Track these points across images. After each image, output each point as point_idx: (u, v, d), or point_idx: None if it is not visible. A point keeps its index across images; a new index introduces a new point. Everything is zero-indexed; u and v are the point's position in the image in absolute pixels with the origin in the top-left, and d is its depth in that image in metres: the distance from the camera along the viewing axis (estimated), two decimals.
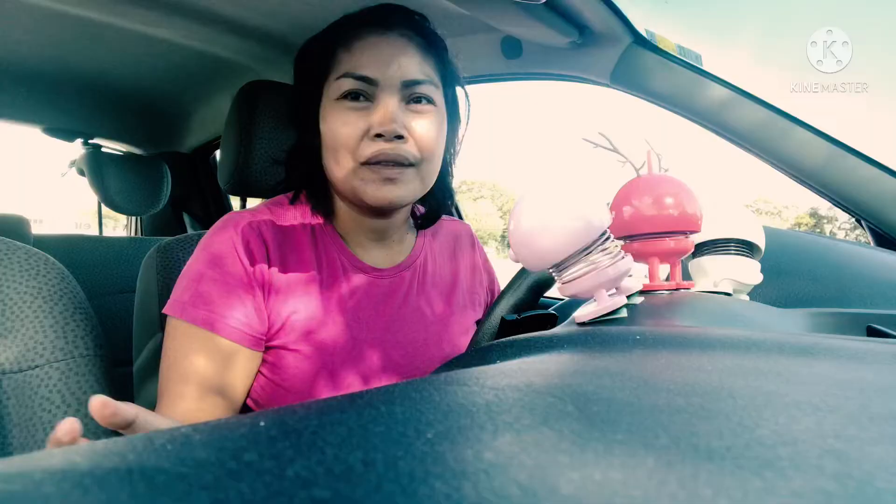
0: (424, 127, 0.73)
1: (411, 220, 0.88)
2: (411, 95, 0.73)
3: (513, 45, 1.25)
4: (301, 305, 0.73)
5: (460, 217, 1.76)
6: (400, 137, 0.71)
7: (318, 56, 0.77)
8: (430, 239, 0.89)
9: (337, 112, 0.72)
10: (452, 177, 0.87)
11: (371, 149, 0.70)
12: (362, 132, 0.71)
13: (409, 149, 0.72)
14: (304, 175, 0.80)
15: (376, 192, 0.71)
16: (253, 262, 0.72)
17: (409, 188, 0.73)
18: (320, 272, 0.76)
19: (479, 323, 0.72)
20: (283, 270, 0.74)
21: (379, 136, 0.70)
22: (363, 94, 0.72)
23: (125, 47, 1.46)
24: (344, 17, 0.77)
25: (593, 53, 1.15)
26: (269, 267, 0.73)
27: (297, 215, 0.80)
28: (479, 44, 1.29)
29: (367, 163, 0.71)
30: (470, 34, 1.28)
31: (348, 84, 0.72)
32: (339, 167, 0.73)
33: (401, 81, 0.72)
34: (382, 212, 0.77)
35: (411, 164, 0.72)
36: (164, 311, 0.71)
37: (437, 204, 0.85)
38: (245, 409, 0.74)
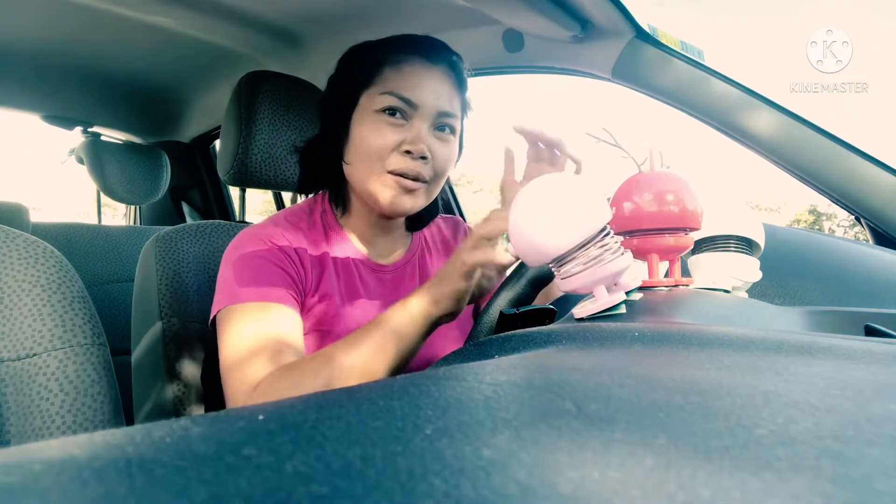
0: (445, 152, 0.83)
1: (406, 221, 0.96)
2: (439, 124, 0.82)
3: (514, 38, 1.25)
4: (328, 292, 0.82)
5: (459, 209, 1.76)
6: (424, 158, 0.80)
7: (364, 67, 0.83)
8: (425, 236, 0.98)
9: (374, 123, 0.80)
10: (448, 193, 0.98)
11: (399, 163, 0.79)
12: (393, 146, 0.79)
13: (427, 169, 0.81)
14: (322, 169, 0.88)
15: (393, 199, 0.80)
16: (285, 254, 0.80)
17: (420, 201, 0.83)
18: (335, 268, 0.85)
19: (475, 316, 0.72)
20: (304, 265, 0.82)
21: (408, 152, 0.79)
22: (401, 111, 0.80)
23: (126, 36, 1.46)
24: (395, 38, 0.85)
25: (595, 47, 1.15)
26: (300, 259, 0.81)
27: (308, 220, 0.88)
28: (480, 36, 1.29)
29: (392, 172, 0.79)
30: (472, 26, 1.28)
31: (391, 101, 0.79)
32: (366, 171, 0.81)
33: (437, 111, 0.81)
34: (392, 216, 0.86)
35: (426, 182, 0.82)
36: (213, 311, 0.78)
37: (428, 210, 0.93)
38: None
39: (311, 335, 0.80)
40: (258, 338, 0.73)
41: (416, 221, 0.95)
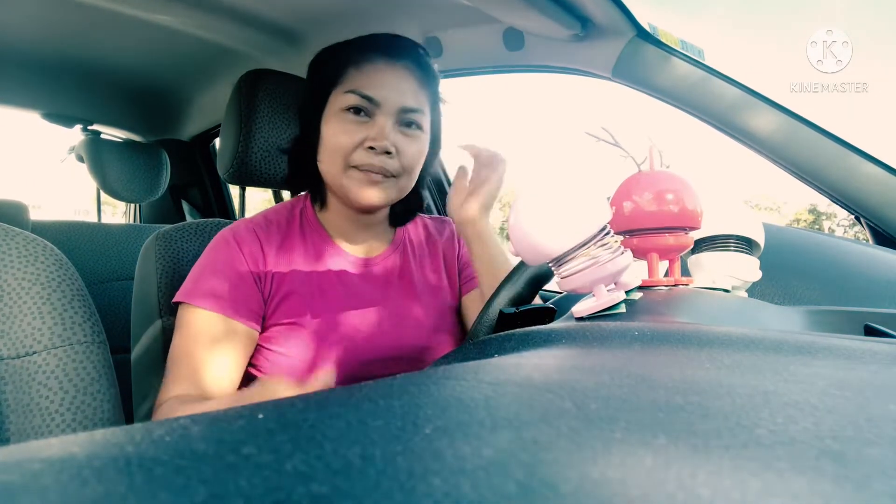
0: (411, 148, 0.85)
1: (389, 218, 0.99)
2: (404, 120, 0.85)
3: (515, 37, 1.25)
4: (296, 288, 0.84)
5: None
6: (388, 153, 0.82)
7: (329, 68, 0.87)
8: (410, 236, 1.01)
9: (339, 121, 0.83)
10: (427, 189, 1.00)
11: (363, 158, 0.82)
12: (357, 142, 0.82)
13: (393, 164, 0.83)
14: (302, 168, 0.91)
15: (360, 192, 0.83)
16: (251, 257, 0.84)
17: (388, 194, 0.85)
18: (310, 260, 0.88)
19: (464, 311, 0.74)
20: (278, 261, 0.86)
21: (371, 148, 0.82)
22: (364, 110, 0.83)
23: (126, 34, 1.45)
24: (358, 39, 0.88)
25: (595, 46, 1.15)
26: (265, 259, 0.85)
27: (288, 215, 0.92)
28: (481, 35, 1.29)
29: (357, 167, 0.83)
30: (472, 25, 1.28)
31: (354, 100, 0.82)
32: (335, 168, 0.84)
33: (399, 107, 0.83)
34: (363, 210, 0.88)
35: (393, 176, 0.84)
36: (174, 299, 0.82)
37: (408, 207, 0.97)
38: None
39: (281, 328, 0.83)
40: (193, 355, 0.78)
41: (398, 217, 0.98)
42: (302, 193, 0.97)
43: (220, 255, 0.84)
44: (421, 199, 0.99)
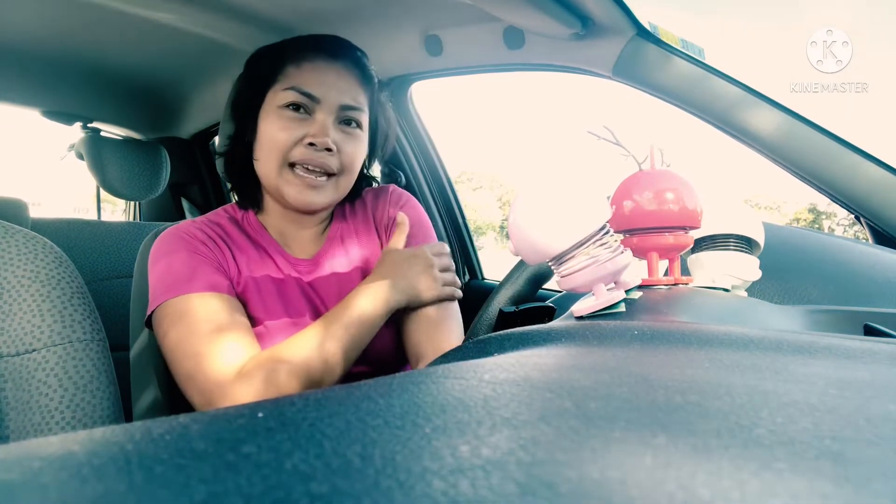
0: (350, 146, 0.85)
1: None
2: (344, 118, 0.85)
3: (515, 36, 1.25)
4: (249, 287, 0.83)
5: (459, 206, 1.75)
6: (329, 150, 0.81)
7: (268, 66, 0.87)
8: (345, 222, 0.96)
9: (277, 118, 0.82)
10: (367, 181, 0.99)
11: (302, 155, 0.81)
12: (297, 139, 0.81)
13: (334, 161, 0.83)
14: (238, 168, 0.89)
15: (297, 195, 0.82)
16: (214, 247, 0.83)
17: (326, 196, 0.84)
18: (252, 262, 0.86)
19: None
20: (224, 258, 0.84)
21: (311, 144, 0.81)
22: (304, 107, 0.83)
23: (125, 31, 1.45)
24: (297, 38, 0.88)
25: (596, 45, 1.14)
26: (224, 253, 0.84)
27: (230, 218, 0.91)
28: (481, 34, 1.29)
29: (293, 165, 0.82)
30: (472, 24, 1.28)
31: (293, 97, 0.82)
32: (269, 166, 0.83)
33: (339, 105, 0.83)
34: (303, 212, 0.88)
35: (332, 175, 0.84)
36: (151, 307, 0.79)
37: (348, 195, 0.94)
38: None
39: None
40: (220, 325, 0.74)
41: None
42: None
43: (177, 246, 0.81)
44: (359, 190, 0.97)
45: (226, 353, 0.72)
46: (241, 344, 0.73)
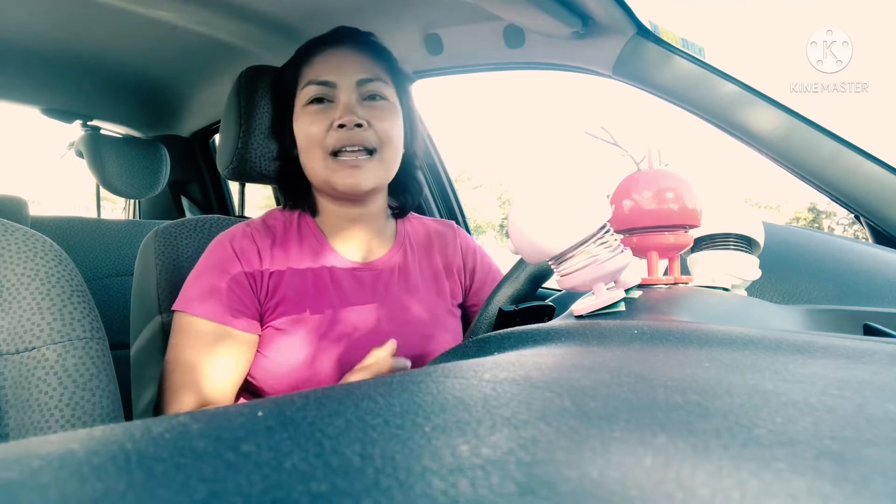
0: (380, 117, 0.85)
1: (389, 211, 0.97)
2: (367, 93, 0.86)
3: (515, 35, 1.24)
4: (290, 293, 0.84)
5: (459, 206, 1.75)
6: (360, 126, 0.82)
7: (286, 79, 0.90)
8: (409, 237, 0.97)
9: (305, 115, 0.85)
10: (419, 169, 0.99)
11: (335, 138, 0.82)
12: (328, 126, 0.83)
13: (369, 136, 0.83)
14: (289, 181, 0.92)
15: (345, 178, 0.83)
16: (248, 263, 0.83)
17: (374, 174, 0.84)
18: (305, 265, 0.87)
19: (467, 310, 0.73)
20: (273, 266, 0.85)
21: (342, 126, 0.82)
22: (326, 97, 0.85)
23: (125, 29, 1.45)
24: (305, 43, 0.91)
25: (596, 44, 1.14)
26: (262, 264, 0.84)
27: (285, 220, 0.91)
28: (481, 32, 1.28)
29: (334, 153, 0.83)
30: (472, 22, 1.28)
31: (312, 90, 0.85)
32: (312, 161, 0.85)
33: (355, 81, 0.85)
34: (355, 198, 0.88)
35: (373, 151, 0.84)
36: (173, 307, 0.82)
37: (408, 195, 0.97)
38: (246, 386, 0.84)
39: (273, 333, 0.82)
40: (191, 363, 0.78)
41: (399, 209, 0.97)
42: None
43: (215, 259, 0.84)
44: (419, 184, 0.98)
45: (193, 388, 0.77)
46: (199, 388, 0.77)
